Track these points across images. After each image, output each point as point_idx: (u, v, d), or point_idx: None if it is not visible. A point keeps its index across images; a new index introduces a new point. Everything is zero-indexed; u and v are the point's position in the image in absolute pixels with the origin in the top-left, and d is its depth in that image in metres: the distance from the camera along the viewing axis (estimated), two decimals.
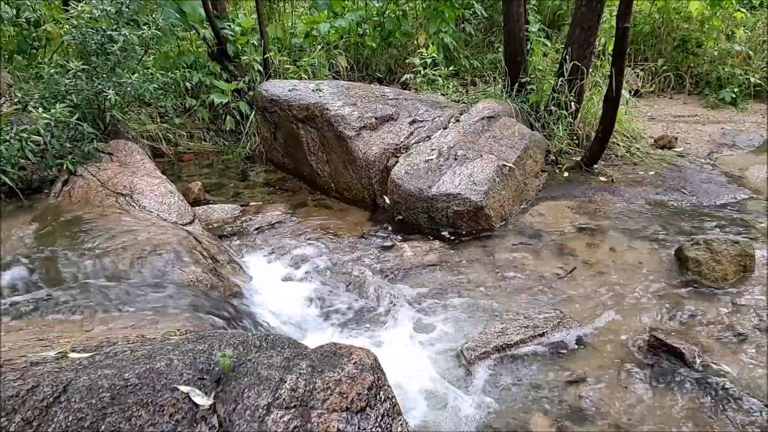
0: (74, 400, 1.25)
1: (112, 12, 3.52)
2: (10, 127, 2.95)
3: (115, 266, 2.37)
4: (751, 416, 1.95)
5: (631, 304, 2.65)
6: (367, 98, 4.16)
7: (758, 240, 3.15)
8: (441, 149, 3.67)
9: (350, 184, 3.87)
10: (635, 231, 3.35)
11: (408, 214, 3.48)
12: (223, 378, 1.40)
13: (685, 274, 2.86)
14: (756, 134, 5.36)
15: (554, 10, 6.89)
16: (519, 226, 3.47)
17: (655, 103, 6.36)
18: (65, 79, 3.33)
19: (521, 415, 1.99)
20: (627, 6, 3.68)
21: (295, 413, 1.33)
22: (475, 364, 2.22)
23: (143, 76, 3.65)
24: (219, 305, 2.31)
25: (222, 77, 5.19)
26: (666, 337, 2.30)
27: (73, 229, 2.66)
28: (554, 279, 2.88)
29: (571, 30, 4.49)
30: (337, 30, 5.95)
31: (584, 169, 4.28)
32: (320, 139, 4.00)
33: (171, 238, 2.60)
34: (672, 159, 4.65)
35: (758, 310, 2.53)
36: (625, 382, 2.15)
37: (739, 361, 2.22)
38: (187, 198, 3.56)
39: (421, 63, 5.15)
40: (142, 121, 4.70)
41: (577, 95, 4.45)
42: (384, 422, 1.41)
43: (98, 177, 3.14)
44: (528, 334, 2.37)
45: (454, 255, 3.14)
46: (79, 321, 1.95)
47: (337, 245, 3.27)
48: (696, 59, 6.61)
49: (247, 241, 3.32)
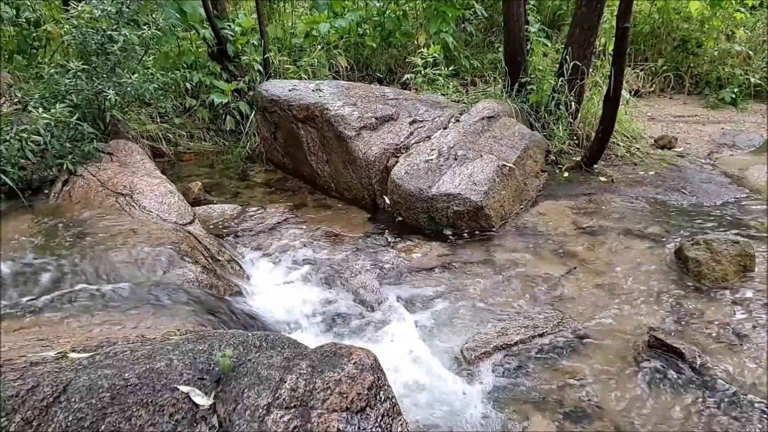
0: (74, 400, 1.25)
1: (112, 12, 3.52)
2: (10, 127, 2.95)
3: (115, 266, 2.37)
4: (751, 416, 1.95)
5: (631, 304, 2.65)
6: (367, 98, 4.16)
7: (758, 240, 3.15)
8: (441, 149, 3.68)
9: (350, 184, 3.87)
10: (635, 231, 3.35)
11: (408, 214, 3.49)
12: (223, 378, 1.40)
13: (685, 274, 2.86)
14: (756, 134, 5.36)
15: (554, 10, 6.90)
16: (519, 226, 3.47)
17: (655, 103, 6.36)
18: (65, 79, 3.33)
19: (521, 415, 1.99)
20: (627, 6, 3.68)
21: (295, 413, 1.33)
22: (475, 364, 2.22)
23: (143, 76, 3.65)
24: (219, 305, 2.31)
25: (222, 77, 5.19)
26: (666, 337, 2.30)
27: (73, 229, 2.66)
28: (554, 279, 2.88)
29: (571, 30, 4.49)
30: (337, 30, 5.95)
31: (584, 169, 4.28)
32: (320, 139, 4.00)
33: (171, 238, 2.60)
34: (672, 159, 4.65)
35: (758, 310, 2.53)
36: (625, 382, 2.15)
37: (739, 361, 2.22)
38: (187, 198, 3.56)
39: (422, 63, 5.15)
40: (142, 121, 4.70)
41: (577, 95, 4.45)
42: (384, 422, 1.41)
43: (98, 177, 3.14)
44: (528, 334, 2.37)
45: (454, 255, 3.14)
46: (78, 321, 1.95)
47: (336, 245, 3.27)
48: (696, 59, 6.61)
49: (247, 241, 3.32)
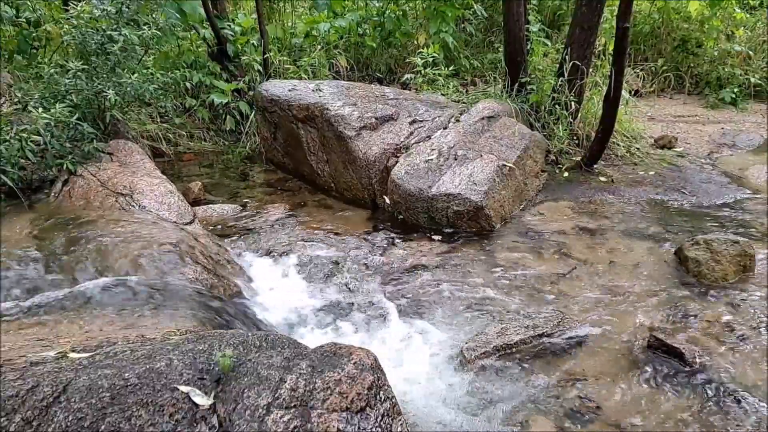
0: (74, 400, 1.25)
1: (112, 12, 3.52)
2: (10, 127, 2.95)
3: (115, 266, 2.37)
4: (751, 416, 1.95)
5: (631, 304, 2.65)
6: (367, 98, 4.16)
7: (758, 240, 3.15)
8: (441, 149, 3.68)
9: (350, 184, 3.87)
10: (635, 231, 3.35)
11: (408, 214, 3.48)
12: (223, 378, 1.40)
13: (685, 274, 2.86)
14: (756, 134, 5.36)
15: (554, 10, 6.90)
16: (519, 226, 3.47)
17: (655, 103, 6.36)
18: (65, 79, 3.33)
19: (521, 415, 1.99)
20: (627, 6, 3.68)
21: (295, 413, 1.33)
22: (475, 363, 2.22)
23: (143, 76, 3.65)
24: (219, 305, 2.31)
25: (222, 77, 5.19)
26: (666, 337, 2.30)
27: (73, 229, 2.66)
28: (554, 279, 2.88)
29: (571, 30, 4.49)
30: (337, 30, 5.95)
31: (584, 169, 4.28)
32: (320, 139, 4.00)
33: (171, 238, 2.60)
34: (672, 159, 4.65)
35: (758, 310, 2.54)
36: (625, 382, 2.15)
37: (739, 361, 2.22)
38: (187, 198, 3.56)
39: (422, 63, 5.15)
40: (142, 121, 4.70)
41: (577, 95, 4.45)
42: (384, 422, 1.41)
43: (98, 177, 3.14)
44: (528, 334, 2.36)
45: (454, 255, 3.14)
46: (78, 321, 1.95)
47: (337, 245, 3.27)
48: (696, 59, 6.61)
49: (247, 241, 3.32)
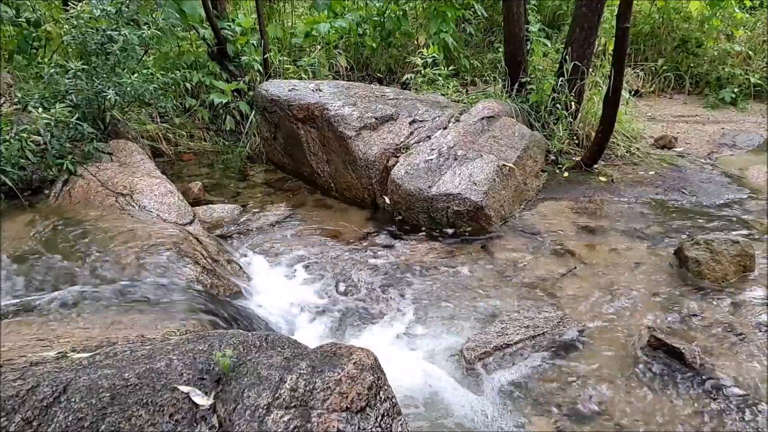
0: (74, 400, 1.25)
1: (112, 12, 3.52)
2: (10, 127, 2.95)
3: (115, 266, 2.37)
4: (751, 416, 1.95)
5: (631, 304, 2.65)
6: (367, 98, 4.16)
7: (758, 240, 3.14)
8: (441, 149, 3.67)
9: (350, 184, 3.87)
10: (635, 231, 3.35)
11: (408, 214, 3.48)
12: (223, 378, 1.40)
13: (685, 273, 2.86)
14: (756, 134, 5.36)
15: (554, 10, 6.90)
16: (519, 226, 3.47)
17: (655, 103, 6.36)
18: (65, 79, 3.33)
19: (521, 415, 1.99)
20: (627, 6, 3.68)
21: (295, 413, 1.33)
22: (475, 363, 2.22)
23: (143, 76, 3.65)
24: (218, 305, 2.31)
25: (222, 77, 5.19)
26: (666, 337, 2.30)
27: (73, 229, 2.66)
28: (554, 279, 2.88)
29: (571, 30, 4.49)
30: (337, 30, 5.95)
31: (584, 169, 4.28)
32: (320, 139, 4.00)
33: (171, 238, 2.60)
34: (672, 159, 4.65)
35: (758, 309, 2.53)
36: (625, 382, 2.15)
37: (739, 361, 2.22)
38: (187, 198, 3.55)
39: (422, 63, 5.15)
40: (142, 121, 4.69)
41: (577, 95, 4.45)
42: (384, 422, 1.41)
43: (98, 177, 3.14)
44: (528, 334, 2.36)
45: (454, 255, 3.14)
46: (78, 321, 1.95)
47: (337, 245, 3.27)
48: (696, 59, 6.61)
49: (247, 241, 3.32)
